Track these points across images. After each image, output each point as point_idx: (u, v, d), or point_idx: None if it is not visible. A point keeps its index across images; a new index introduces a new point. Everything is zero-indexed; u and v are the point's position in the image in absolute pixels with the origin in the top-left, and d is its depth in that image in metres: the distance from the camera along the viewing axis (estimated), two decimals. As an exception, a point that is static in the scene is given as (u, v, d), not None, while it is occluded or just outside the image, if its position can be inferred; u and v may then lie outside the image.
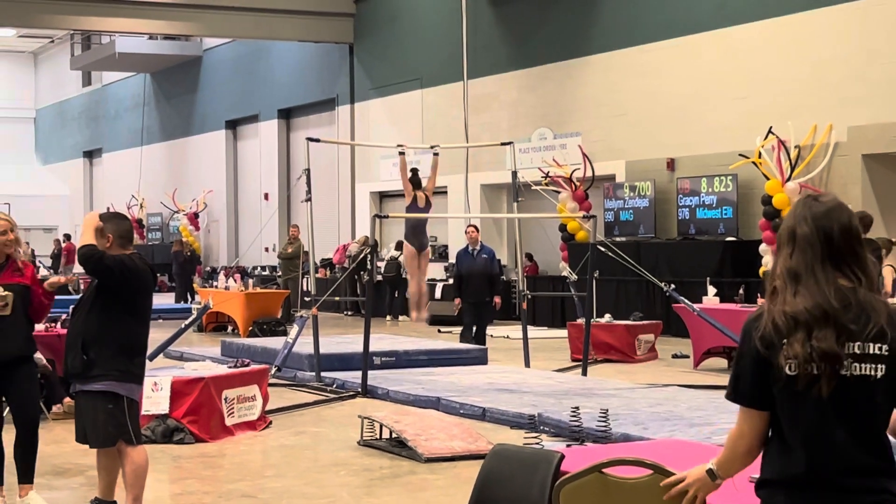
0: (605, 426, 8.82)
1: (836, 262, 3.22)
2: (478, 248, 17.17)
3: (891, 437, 3.29)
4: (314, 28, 30.18)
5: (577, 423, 8.72)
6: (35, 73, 52.26)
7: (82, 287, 30.57)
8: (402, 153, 14.86)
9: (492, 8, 25.92)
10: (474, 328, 17.14)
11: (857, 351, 3.15)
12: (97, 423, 6.52)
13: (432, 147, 15.68)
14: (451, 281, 25.14)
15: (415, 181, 14.98)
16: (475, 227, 17.63)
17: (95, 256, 6.37)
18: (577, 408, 9.06)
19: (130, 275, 6.45)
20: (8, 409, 7.42)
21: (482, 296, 16.93)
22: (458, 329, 22.23)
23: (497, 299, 17.25)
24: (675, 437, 9.08)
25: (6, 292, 7.07)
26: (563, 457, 4.71)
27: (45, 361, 10.56)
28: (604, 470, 3.78)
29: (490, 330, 18.04)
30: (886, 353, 3.16)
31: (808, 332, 3.15)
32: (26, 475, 7.33)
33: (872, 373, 3.16)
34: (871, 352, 3.15)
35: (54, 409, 11.12)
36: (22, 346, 7.24)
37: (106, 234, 6.56)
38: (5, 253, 7.23)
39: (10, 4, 27.74)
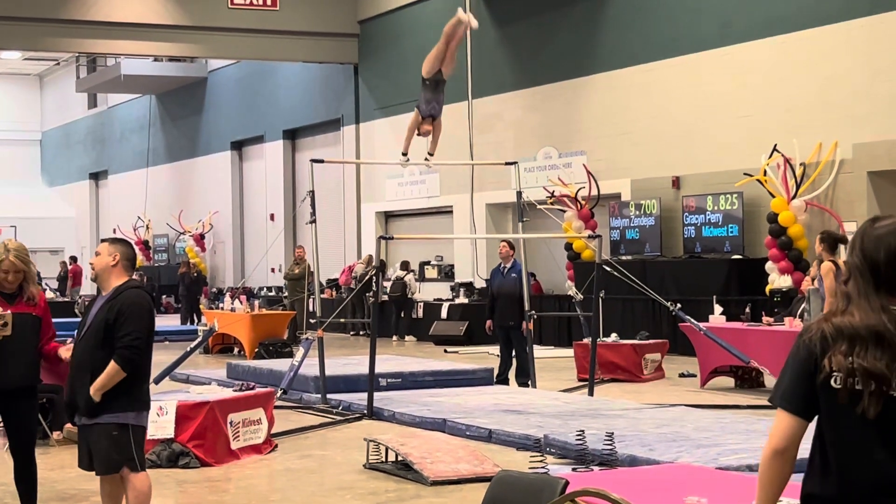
0: (610, 449, 8.77)
1: (890, 289, 3.22)
2: (509, 265, 15.70)
3: None
4: (318, 49, 30.24)
5: (582, 447, 8.67)
6: (41, 96, 52.40)
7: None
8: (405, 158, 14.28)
9: (496, 27, 25.95)
10: (512, 359, 15.53)
11: None
12: (101, 449, 6.49)
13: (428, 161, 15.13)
14: (457, 301, 25.15)
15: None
16: (507, 242, 16.04)
17: (135, 359, 6.42)
18: (583, 431, 9.01)
19: (151, 330, 6.53)
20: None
21: (508, 319, 15.44)
22: (465, 349, 22.26)
23: (528, 325, 15.19)
24: (682, 459, 9.04)
25: (6, 313, 7.01)
26: (567, 483, 4.68)
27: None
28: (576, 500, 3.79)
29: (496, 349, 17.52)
30: None
31: (851, 346, 3.15)
32: (28, 502, 7.31)
33: None
34: None
35: (55, 434, 11.09)
36: (25, 376, 7.20)
37: (112, 253, 6.57)
38: (17, 285, 7.19)
39: (16, 27, 27.82)
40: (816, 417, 3.27)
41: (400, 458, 9.62)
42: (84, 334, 6.59)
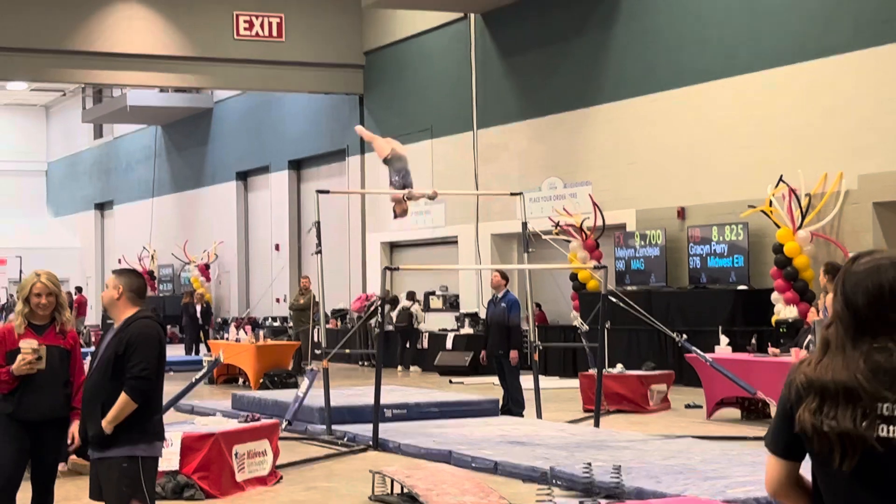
0: (617, 482, 8.73)
1: (872, 333, 3.09)
2: (501, 294, 16.08)
3: None
4: (324, 79, 30.34)
5: (589, 479, 8.63)
6: (47, 126, 52.54)
7: (93, 340, 30.59)
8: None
9: (501, 58, 26.02)
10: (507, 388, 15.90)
11: (885, 413, 3.02)
12: (111, 481, 6.46)
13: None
14: (462, 331, 25.13)
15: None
16: (499, 272, 16.42)
17: (145, 390, 6.41)
18: (590, 464, 8.97)
19: (161, 359, 6.52)
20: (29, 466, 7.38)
21: (497, 348, 15.85)
22: (470, 380, 22.22)
23: (513, 353, 15.65)
24: (689, 491, 9.00)
25: (39, 346, 7.05)
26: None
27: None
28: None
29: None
30: None
31: (821, 403, 3.05)
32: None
33: None
34: None
35: (60, 466, 11.05)
36: (56, 408, 7.20)
37: (116, 286, 6.56)
38: (49, 315, 7.22)
39: (23, 58, 27.94)
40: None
41: (406, 491, 9.58)
42: (95, 366, 6.58)
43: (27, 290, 7.20)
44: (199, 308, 30.54)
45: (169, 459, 9.97)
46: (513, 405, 15.65)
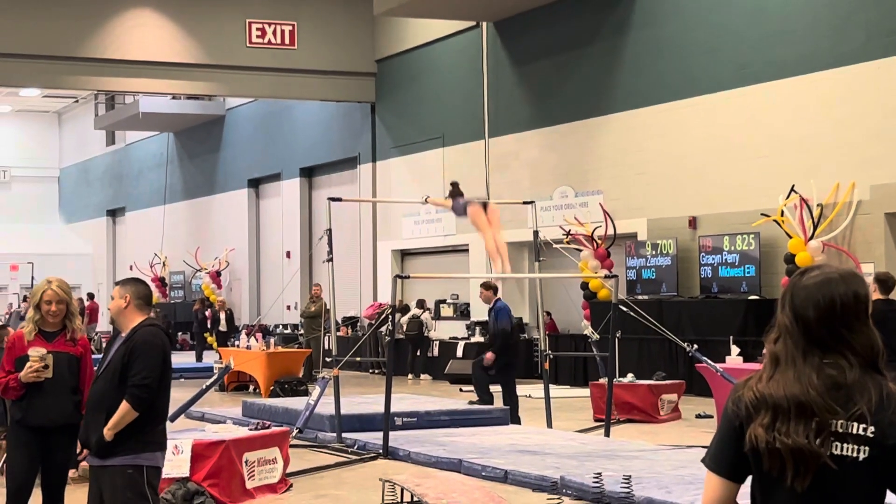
0: (628, 492, 8.71)
1: (822, 348, 3.01)
2: (490, 305, 16.33)
3: None
4: (336, 87, 30.38)
5: (599, 489, 8.62)
6: (59, 133, 52.67)
7: (103, 343, 30.61)
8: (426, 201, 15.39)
9: (512, 67, 26.04)
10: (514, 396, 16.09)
11: (839, 430, 2.93)
12: (116, 489, 6.46)
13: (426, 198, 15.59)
14: (472, 339, 25.12)
15: (454, 193, 14.72)
16: (484, 285, 16.55)
17: (147, 399, 6.40)
18: (600, 473, 8.96)
19: (166, 368, 6.51)
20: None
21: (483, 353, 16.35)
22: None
23: (488, 355, 15.77)
24: (699, 502, 8.97)
25: (46, 353, 7.08)
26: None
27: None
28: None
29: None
30: (871, 436, 2.92)
31: (773, 418, 2.96)
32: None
33: (854, 454, 2.93)
34: (854, 432, 2.92)
35: (70, 472, 11.06)
36: (65, 414, 7.21)
37: (123, 295, 6.56)
38: (60, 322, 7.25)
39: (35, 65, 28.02)
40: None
41: (416, 499, 9.57)
42: (101, 374, 6.59)
43: (38, 297, 7.24)
44: (222, 315, 30.60)
45: (179, 466, 9.98)
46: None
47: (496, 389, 16.21)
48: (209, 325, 31.13)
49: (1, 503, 7.37)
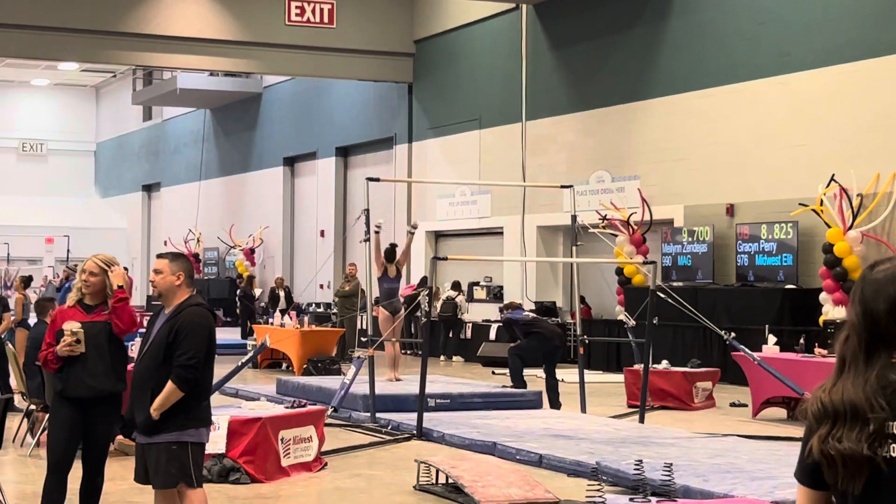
0: (669, 480, 8.67)
1: (890, 345, 2.90)
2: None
3: None
4: (373, 67, 30.34)
5: (640, 477, 8.58)
6: (97, 107, 52.90)
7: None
8: (377, 232, 15.74)
9: (551, 50, 25.93)
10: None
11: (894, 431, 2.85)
12: (160, 464, 6.49)
13: (411, 226, 17.09)
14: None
15: (389, 256, 16.70)
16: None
17: (192, 379, 6.44)
18: (641, 460, 8.92)
19: (212, 348, 6.57)
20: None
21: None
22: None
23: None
24: (737, 491, 8.94)
25: (78, 328, 7.11)
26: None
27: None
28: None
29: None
30: None
31: (832, 426, 2.89)
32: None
33: None
34: None
35: (110, 445, 11.13)
36: (105, 384, 7.23)
37: (177, 272, 6.59)
38: (101, 294, 7.28)
39: (74, 39, 28.10)
40: None
41: (451, 481, 9.57)
42: (146, 351, 6.62)
43: (81, 268, 7.37)
44: (281, 294, 30.63)
45: (215, 442, 10.01)
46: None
47: (531, 374, 16.23)
48: (267, 304, 31.14)
49: (42, 475, 7.41)
